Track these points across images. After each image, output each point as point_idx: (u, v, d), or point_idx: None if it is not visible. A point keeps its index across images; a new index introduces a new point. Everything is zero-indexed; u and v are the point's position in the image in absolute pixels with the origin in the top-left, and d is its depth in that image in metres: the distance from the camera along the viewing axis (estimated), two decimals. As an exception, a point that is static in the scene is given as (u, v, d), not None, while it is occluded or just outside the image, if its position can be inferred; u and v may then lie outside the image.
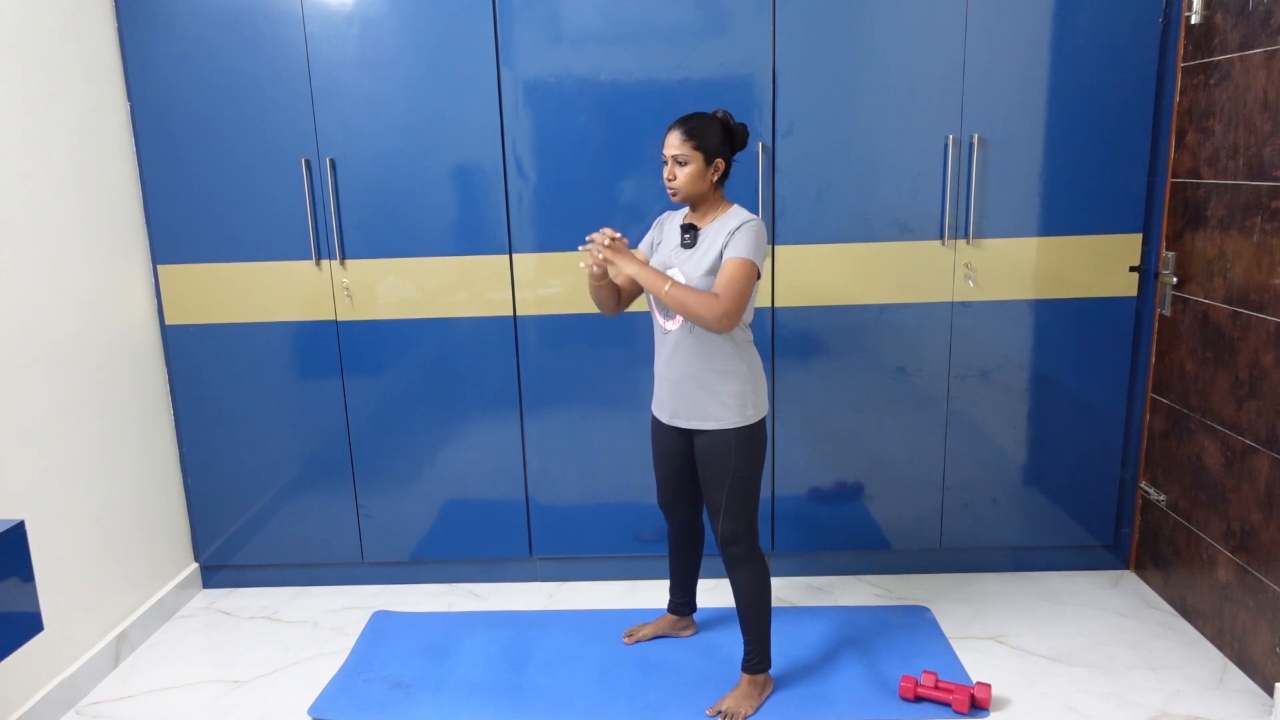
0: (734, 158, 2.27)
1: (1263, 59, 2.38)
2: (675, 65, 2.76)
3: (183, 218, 2.91)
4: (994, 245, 2.86)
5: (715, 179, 2.23)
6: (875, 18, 2.74)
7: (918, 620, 2.83)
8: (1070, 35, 2.73)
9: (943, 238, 2.85)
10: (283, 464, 3.08)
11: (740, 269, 2.12)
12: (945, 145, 2.80)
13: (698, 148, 2.18)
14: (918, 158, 2.81)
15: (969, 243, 2.85)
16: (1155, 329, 2.92)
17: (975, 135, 2.78)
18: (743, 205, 2.28)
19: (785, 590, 3.05)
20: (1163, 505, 2.90)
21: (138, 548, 2.89)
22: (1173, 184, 2.81)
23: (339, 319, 2.97)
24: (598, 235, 2.19)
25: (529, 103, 2.80)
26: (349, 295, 2.95)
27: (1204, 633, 2.70)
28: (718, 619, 2.83)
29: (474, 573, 3.19)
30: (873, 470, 3.04)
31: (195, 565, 3.19)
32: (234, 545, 3.16)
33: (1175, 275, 2.79)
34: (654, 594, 3.01)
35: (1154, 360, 2.94)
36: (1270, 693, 2.39)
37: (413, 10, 2.76)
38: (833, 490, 3.06)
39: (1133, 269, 2.87)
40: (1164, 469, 2.90)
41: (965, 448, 3.01)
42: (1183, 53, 2.74)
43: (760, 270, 2.17)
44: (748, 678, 2.42)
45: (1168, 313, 2.85)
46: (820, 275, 2.89)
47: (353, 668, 2.67)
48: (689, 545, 2.63)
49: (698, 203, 2.26)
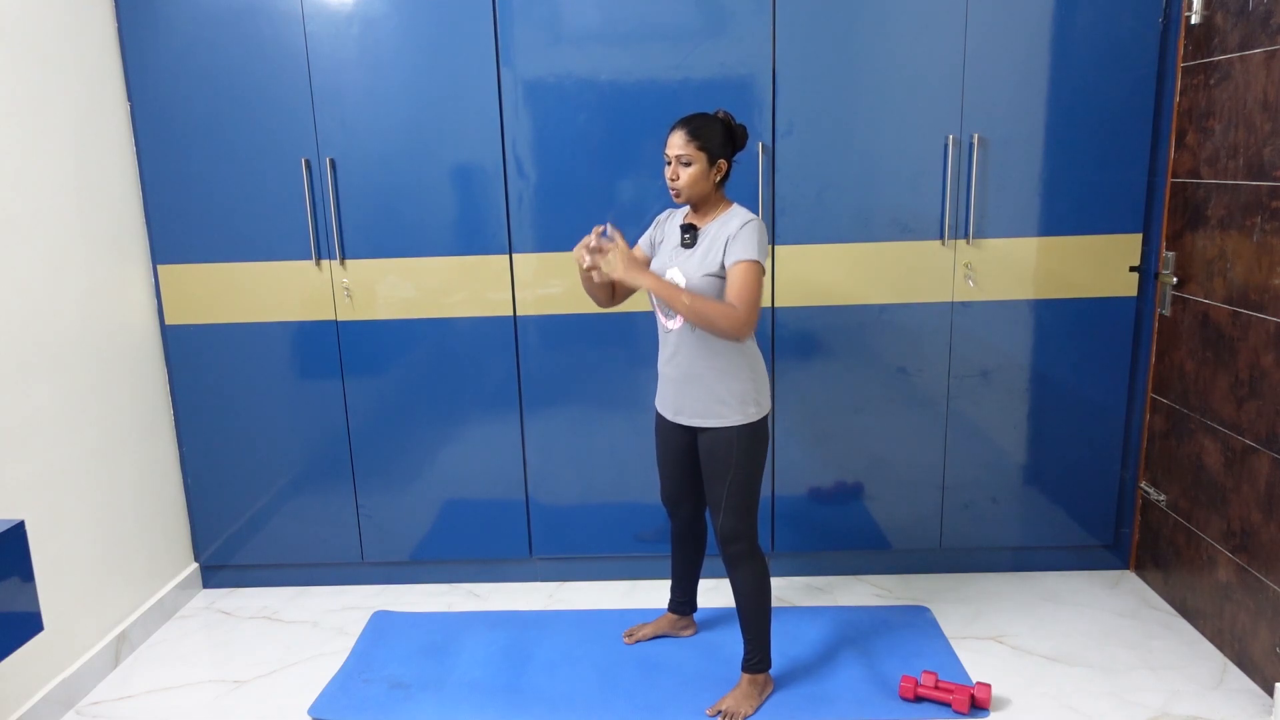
0: (734, 158, 2.28)
1: (1263, 59, 2.38)
2: (675, 65, 2.76)
3: (183, 218, 2.91)
4: (994, 245, 2.86)
5: (718, 179, 2.24)
6: (875, 18, 2.74)
7: (918, 620, 2.83)
8: (1070, 35, 2.73)
9: (943, 238, 2.85)
10: (283, 464, 3.08)
11: (749, 273, 2.13)
12: (945, 145, 2.80)
13: (701, 148, 2.18)
14: (918, 158, 2.81)
15: (969, 243, 2.86)
16: (1155, 329, 2.92)
17: (975, 135, 2.78)
18: (743, 205, 2.28)
19: (785, 590, 3.06)
20: (1163, 505, 2.90)
21: (137, 548, 2.89)
22: (1173, 184, 2.81)
23: (339, 319, 2.97)
24: (589, 238, 2.18)
25: (529, 103, 2.80)
26: (349, 295, 2.95)
27: (1204, 633, 2.70)
28: (718, 619, 2.83)
29: (474, 573, 3.19)
30: (873, 470, 3.04)
31: (195, 565, 3.19)
32: (234, 545, 3.16)
33: (1175, 275, 2.79)
34: (654, 594, 3.01)
35: (1154, 360, 2.94)
36: (1270, 693, 2.39)
37: (413, 10, 2.76)
38: (833, 490, 3.06)
39: (1133, 269, 2.87)
40: (1164, 469, 2.90)
41: (965, 448, 3.01)
42: (1183, 53, 2.74)
43: (764, 268, 2.18)
44: (748, 677, 2.42)
45: (1168, 313, 2.85)
46: (820, 275, 2.89)
47: (353, 668, 2.67)
48: (691, 543, 2.64)
49: (699, 203, 2.27)
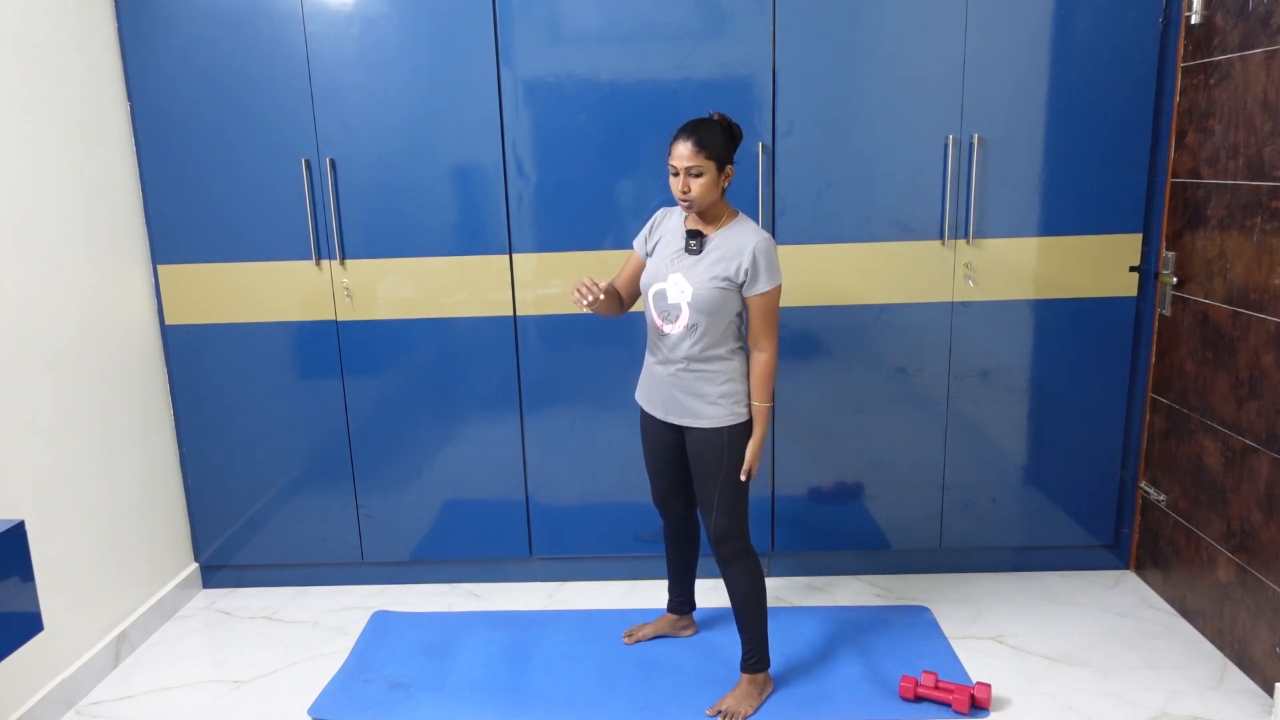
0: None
1: (1263, 59, 2.37)
2: (675, 65, 2.76)
3: (183, 218, 2.91)
4: (994, 245, 2.86)
5: (725, 185, 2.24)
6: (875, 18, 2.74)
7: (917, 620, 2.83)
8: (1070, 35, 2.73)
9: (943, 238, 2.85)
10: (283, 464, 3.08)
11: (770, 302, 2.23)
12: (945, 145, 2.80)
13: (710, 157, 2.18)
14: (918, 158, 2.81)
15: (969, 243, 2.85)
16: (1155, 329, 2.92)
17: (975, 135, 2.78)
18: (742, 205, 2.28)
19: (785, 590, 3.06)
20: (1163, 505, 2.90)
21: (138, 548, 2.89)
22: (1173, 184, 2.81)
23: (339, 319, 2.97)
24: (582, 289, 2.22)
25: (529, 103, 2.80)
26: (349, 295, 2.95)
27: (1204, 633, 2.70)
28: (717, 619, 2.83)
29: (474, 573, 3.19)
30: (873, 470, 3.04)
31: (195, 565, 3.19)
32: (234, 545, 3.16)
33: (1175, 275, 2.79)
34: (654, 594, 3.01)
35: (1154, 360, 2.94)
36: (1270, 693, 2.39)
37: (413, 10, 2.76)
38: (832, 490, 3.06)
39: (1133, 269, 2.87)
40: (1164, 469, 2.90)
41: (965, 448, 3.01)
42: (1183, 53, 2.74)
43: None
44: (747, 677, 2.42)
45: (1168, 313, 2.85)
46: (820, 275, 2.89)
47: (353, 668, 2.67)
48: (685, 541, 2.64)
49: (705, 209, 2.26)
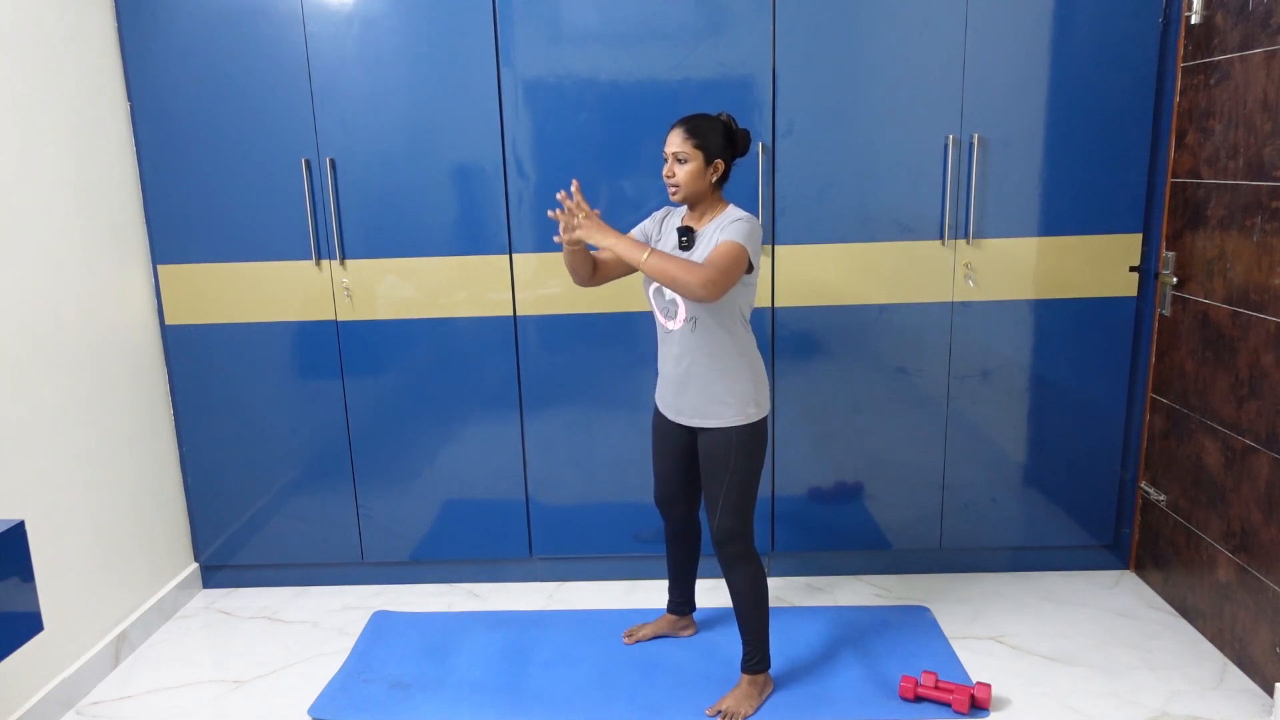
0: (734, 162, 2.28)
1: (1263, 59, 2.38)
2: (675, 65, 2.76)
3: (183, 218, 2.91)
4: (994, 245, 2.86)
5: (714, 179, 2.23)
6: (875, 18, 2.74)
7: (917, 620, 2.83)
8: (1070, 35, 2.73)
9: (943, 238, 2.85)
10: (283, 464, 3.08)
11: (729, 247, 2.11)
12: (945, 145, 2.80)
13: (698, 146, 2.18)
14: (918, 158, 2.81)
15: (969, 243, 2.86)
16: (1155, 329, 2.92)
17: (975, 135, 2.78)
18: (743, 205, 2.28)
19: (785, 590, 3.06)
20: (1163, 505, 2.90)
21: (138, 548, 2.89)
22: (1173, 184, 2.81)
23: (339, 319, 2.97)
24: (567, 201, 2.17)
25: (529, 103, 2.80)
26: (349, 295, 2.95)
27: (1204, 633, 2.70)
28: (718, 619, 2.83)
29: (474, 573, 3.19)
30: (873, 470, 3.04)
31: (195, 565, 3.19)
32: (234, 545, 3.16)
33: (1175, 275, 2.79)
34: (654, 594, 3.01)
35: (1154, 360, 2.94)
36: (1270, 693, 2.39)
37: (413, 10, 2.76)
38: (833, 490, 3.06)
39: (1133, 269, 2.87)
40: (1164, 469, 2.90)
41: (965, 448, 3.01)
42: (1183, 53, 2.74)
43: (753, 263, 2.17)
44: (747, 678, 2.42)
45: (1168, 313, 2.85)
46: (820, 275, 2.89)
47: (353, 668, 2.67)
48: (686, 542, 2.64)
49: (696, 203, 2.26)
